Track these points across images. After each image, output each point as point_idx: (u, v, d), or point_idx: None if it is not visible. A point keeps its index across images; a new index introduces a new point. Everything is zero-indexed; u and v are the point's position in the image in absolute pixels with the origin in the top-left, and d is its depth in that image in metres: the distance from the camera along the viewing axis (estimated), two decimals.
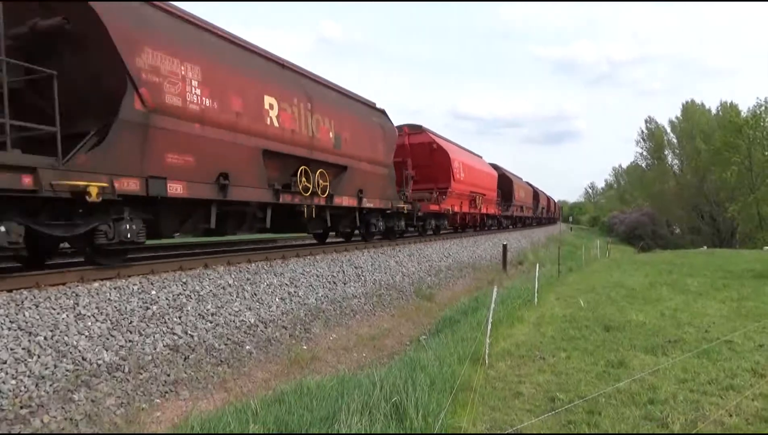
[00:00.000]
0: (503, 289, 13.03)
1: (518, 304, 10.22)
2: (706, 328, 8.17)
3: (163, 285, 7.65)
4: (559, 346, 7.33)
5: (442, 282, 15.95)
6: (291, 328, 8.88)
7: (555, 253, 21.92)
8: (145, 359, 6.37)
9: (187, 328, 7.25)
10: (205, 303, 7.93)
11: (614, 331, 8.00)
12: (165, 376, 6.39)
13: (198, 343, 7.17)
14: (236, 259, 9.84)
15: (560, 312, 9.78)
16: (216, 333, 7.58)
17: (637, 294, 11.78)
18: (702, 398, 5.18)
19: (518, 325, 8.73)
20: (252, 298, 8.86)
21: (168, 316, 7.19)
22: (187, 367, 6.74)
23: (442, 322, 10.54)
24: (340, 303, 10.72)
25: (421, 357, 6.50)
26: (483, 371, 6.09)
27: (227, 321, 7.96)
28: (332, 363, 8.25)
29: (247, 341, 7.90)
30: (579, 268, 19.66)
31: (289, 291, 9.83)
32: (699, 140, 55.17)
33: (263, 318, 8.63)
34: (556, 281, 15.07)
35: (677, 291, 12.18)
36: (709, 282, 13.71)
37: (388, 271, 13.88)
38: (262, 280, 9.51)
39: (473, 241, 23.48)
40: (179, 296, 7.65)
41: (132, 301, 6.97)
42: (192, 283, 8.10)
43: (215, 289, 8.38)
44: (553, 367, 6.36)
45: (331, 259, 12.18)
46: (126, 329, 6.53)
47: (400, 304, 12.49)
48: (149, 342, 6.62)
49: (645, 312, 9.45)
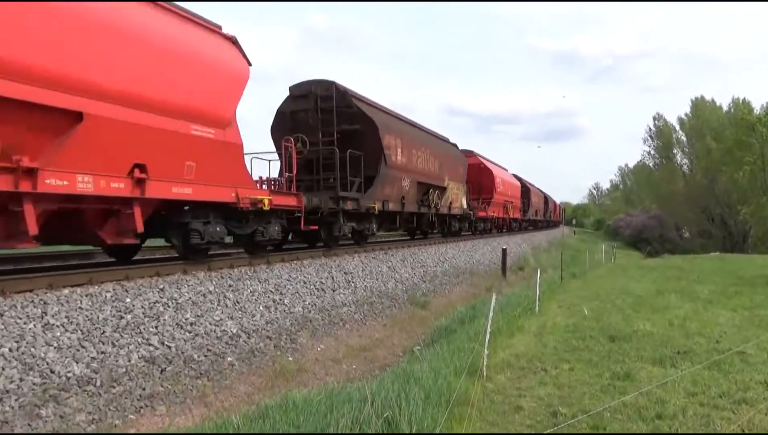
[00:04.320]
0: (502, 296, 13.06)
1: (518, 312, 10.24)
2: (716, 338, 8.22)
3: (138, 292, 7.61)
4: (561, 357, 7.35)
5: (437, 289, 15.97)
6: (276, 339, 8.86)
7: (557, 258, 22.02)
8: (118, 372, 6.33)
9: (164, 339, 7.21)
10: (184, 311, 7.89)
11: (620, 342, 8.04)
12: (140, 389, 6.36)
13: (176, 355, 7.13)
14: (217, 265, 9.80)
15: (563, 321, 9.82)
16: (195, 344, 7.55)
17: (644, 302, 11.84)
18: (713, 412, 5.21)
19: (518, 335, 8.75)
20: (234, 306, 8.83)
21: (143, 325, 7.15)
22: (164, 380, 6.70)
23: (438, 331, 10.55)
24: (328, 311, 10.71)
25: (414, 369, 6.50)
26: (481, 384, 6.09)
27: (207, 331, 7.92)
28: (320, 375, 8.24)
29: (228, 352, 7.87)
30: (582, 274, 19.75)
31: (274, 298, 9.81)
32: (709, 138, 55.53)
33: (246, 327, 8.60)
34: (558, 288, 15.13)
35: (686, 298, 12.26)
36: (720, 289, 13.81)
37: (380, 277, 13.88)
38: (246, 287, 9.48)
39: (471, 246, 23.54)
40: (156, 304, 7.61)
41: (105, 309, 6.93)
42: (170, 290, 8.06)
43: (195, 296, 8.34)
44: (555, 379, 6.38)
45: (319, 265, 12.17)
46: (98, 340, 6.49)
47: (392, 312, 12.49)
48: (123, 353, 6.58)
49: (652, 321, 9.50)
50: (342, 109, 14.01)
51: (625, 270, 21.41)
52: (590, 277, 19.11)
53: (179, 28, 8.55)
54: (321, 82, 14.16)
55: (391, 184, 15.72)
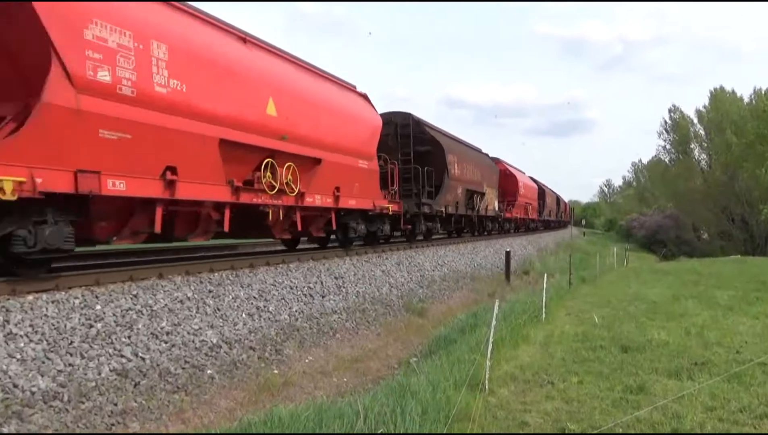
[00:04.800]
0: (506, 303, 13.08)
1: (523, 320, 10.26)
2: (737, 348, 8.27)
3: (109, 298, 7.58)
4: (569, 369, 7.38)
5: (435, 295, 15.98)
6: (260, 349, 8.84)
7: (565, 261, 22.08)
8: (87, 386, 6.30)
9: (137, 350, 7.18)
10: (160, 320, 7.87)
11: (633, 352, 8.07)
12: (111, 405, 6.33)
13: (150, 367, 7.11)
14: (196, 268, 9.77)
15: (571, 330, 9.85)
16: (172, 355, 7.52)
17: (659, 308, 11.90)
18: (733, 428, 5.25)
19: (523, 345, 8.77)
20: (214, 314, 8.81)
21: (115, 335, 7.13)
22: (138, 394, 6.68)
23: (436, 341, 10.56)
24: (317, 319, 10.70)
25: (411, 382, 6.50)
26: (483, 398, 6.11)
27: (185, 341, 7.91)
28: (308, 389, 8.23)
29: (208, 364, 7.85)
30: (593, 279, 19.81)
31: (258, 305, 9.79)
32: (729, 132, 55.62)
33: (227, 337, 8.59)
34: (566, 294, 15.17)
35: (705, 305, 12.32)
36: (741, 295, 13.88)
37: (374, 281, 13.89)
38: (227, 293, 9.46)
39: (472, 248, 23.58)
40: (129, 312, 7.58)
41: (73, 317, 6.90)
42: (144, 296, 8.03)
43: (171, 303, 8.32)
44: (563, 393, 6.40)
45: (307, 268, 12.16)
46: (65, 351, 6.46)
47: (387, 320, 12.49)
48: (93, 366, 6.55)
49: (668, 329, 9.55)
50: (417, 134, 19.39)
51: (638, 274, 21.50)
52: (601, 282, 19.17)
53: (348, 97, 14.53)
54: (400, 114, 19.62)
55: (451, 192, 21.31)
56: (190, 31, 8.95)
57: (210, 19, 9.70)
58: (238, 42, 10.24)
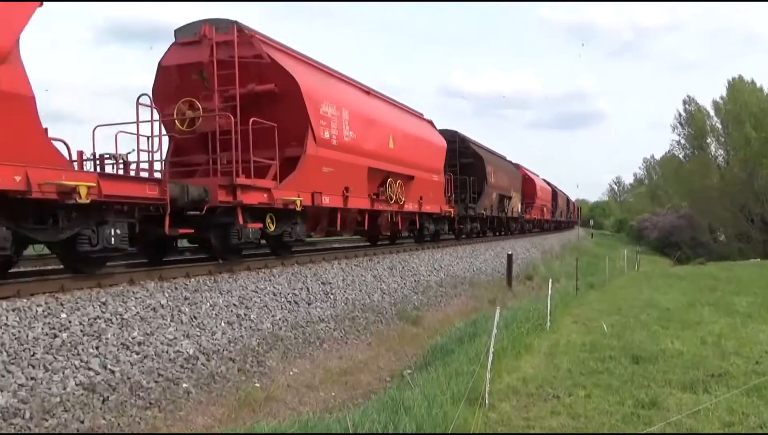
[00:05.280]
0: (508, 310, 13.11)
1: (526, 329, 10.29)
2: (756, 358, 8.31)
3: (75, 306, 7.55)
4: (576, 381, 7.40)
5: (431, 301, 16.01)
6: (240, 361, 8.83)
7: (571, 265, 22.17)
8: (51, 402, 6.27)
9: (106, 362, 7.16)
10: (131, 329, 7.84)
11: (645, 363, 8.10)
12: (77, 422, 6.30)
13: (121, 381, 7.09)
14: (171, 273, 9.75)
15: (578, 339, 9.88)
16: (144, 367, 7.50)
17: (673, 316, 11.96)
18: None
19: (526, 356, 8.80)
20: (191, 323, 8.79)
21: (82, 345, 7.10)
22: (107, 411, 6.65)
23: (432, 352, 10.57)
24: (303, 328, 10.69)
25: (405, 396, 6.51)
26: (482, 413, 6.12)
27: (159, 352, 7.88)
28: (292, 404, 8.23)
29: (184, 377, 7.83)
30: (602, 285, 19.90)
31: (239, 313, 9.78)
32: (749, 125, 55.88)
33: (205, 348, 8.57)
34: (573, 301, 15.23)
35: (722, 312, 12.39)
36: (761, 301, 13.98)
37: (364, 287, 13.90)
38: (204, 300, 9.44)
39: (471, 251, 23.63)
40: (97, 320, 7.56)
41: (36, 326, 6.86)
42: (113, 304, 8.00)
43: (143, 311, 8.30)
44: (569, 408, 6.42)
45: (292, 273, 12.16)
46: (27, 363, 6.42)
47: (378, 329, 12.50)
48: (57, 379, 6.52)
49: (682, 339, 9.60)
50: (462, 149, 26.20)
51: (650, 279, 21.61)
52: (610, 287, 19.27)
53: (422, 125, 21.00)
54: (448, 131, 25.04)
55: (488, 198, 27.63)
56: (354, 97, 15.56)
57: (359, 85, 16.28)
58: (364, 94, 16.38)
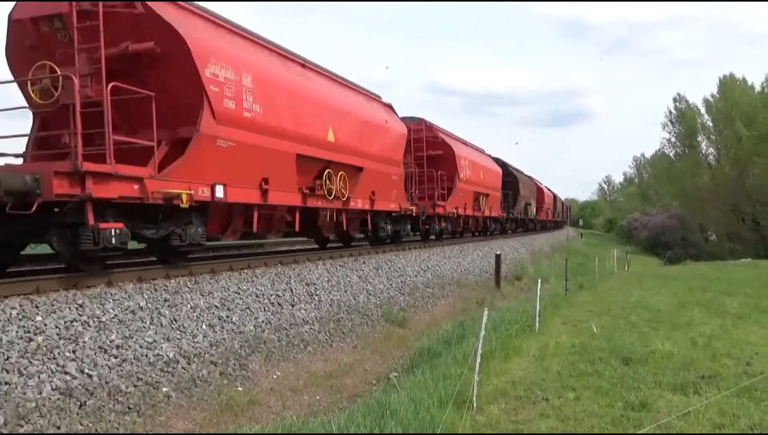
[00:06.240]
0: (496, 311, 13.16)
1: (515, 330, 10.33)
2: (747, 359, 8.39)
3: (51, 308, 7.49)
4: (566, 383, 7.44)
5: (418, 303, 16.02)
6: (222, 364, 8.80)
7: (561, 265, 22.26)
8: (26, 407, 6.22)
9: (83, 366, 7.11)
10: (109, 332, 7.79)
11: (635, 365, 8.16)
12: (53, 428, 6.26)
13: (98, 385, 7.04)
14: (150, 274, 9.69)
15: (568, 340, 9.93)
16: (122, 371, 7.46)
17: (663, 317, 12.05)
18: None
19: (515, 358, 8.83)
20: (171, 326, 8.75)
21: (58, 349, 7.04)
22: (84, 416, 6.61)
23: (419, 354, 10.58)
24: (286, 331, 10.67)
25: (391, 400, 6.51)
26: (470, 417, 6.13)
27: (138, 355, 7.84)
28: (276, 409, 8.21)
29: (164, 381, 7.79)
30: (591, 285, 20.00)
31: (220, 315, 9.74)
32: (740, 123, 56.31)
33: (185, 351, 8.53)
34: (562, 302, 15.30)
35: (713, 313, 12.50)
36: (753, 302, 14.11)
37: (349, 289, 13.88)
38: (185, 302, 9.39)
39: (459, 251, 23.68)
40: (73, 323, 7.50)
41: (10, 329, 6.80)
42: (91, 306, 7.95)
43: (122, 313, 8.25)
44: (559, 410, 6.45)
45: (275, 274, 12.13)
46: (1, 368, 6.37)
47: (364, 331, 12.49)
48: (32, 384, 6.47)
49: (673, 340, 9.67)
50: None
51: (641, 280, 21.75)
52: (600, 288, 19.37)
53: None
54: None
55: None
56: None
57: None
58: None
